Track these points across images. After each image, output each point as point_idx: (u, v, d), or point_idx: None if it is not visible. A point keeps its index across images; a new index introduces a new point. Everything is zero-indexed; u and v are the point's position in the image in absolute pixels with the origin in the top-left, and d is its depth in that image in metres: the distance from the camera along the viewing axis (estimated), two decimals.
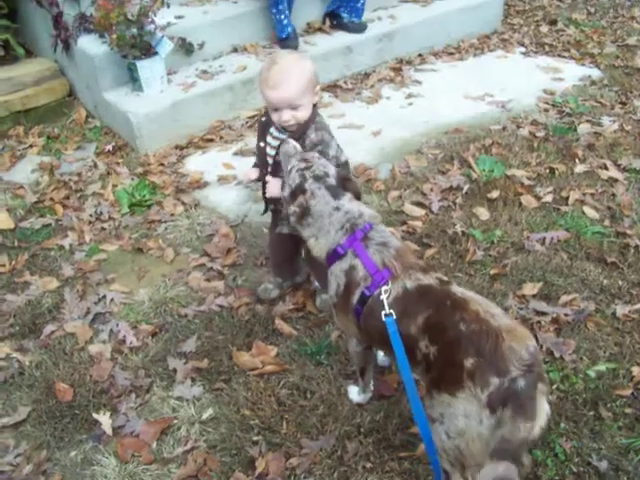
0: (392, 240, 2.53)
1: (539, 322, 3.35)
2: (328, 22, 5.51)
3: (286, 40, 5.17)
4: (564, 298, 3.49)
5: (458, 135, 4.84)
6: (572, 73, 5.66)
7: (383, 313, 2.34)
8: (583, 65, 5.81)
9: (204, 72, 4.95)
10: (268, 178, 2.97)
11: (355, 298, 2.48)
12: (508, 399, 2.05)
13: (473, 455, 2.18)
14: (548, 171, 4.43)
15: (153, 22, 4.55)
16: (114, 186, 4.36)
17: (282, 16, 5.11)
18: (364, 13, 5.49)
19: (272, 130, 2.99)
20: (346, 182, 2.65)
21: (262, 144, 3.07)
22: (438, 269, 3.61)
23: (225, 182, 4.42)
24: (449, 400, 2.17)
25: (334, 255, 2.53)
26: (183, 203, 4.23)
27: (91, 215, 4.15)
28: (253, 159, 4.53)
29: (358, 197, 2.70)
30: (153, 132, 4.61)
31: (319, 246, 2.59)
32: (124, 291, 3.64)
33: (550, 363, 3.15)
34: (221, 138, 4.81)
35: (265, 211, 3.25)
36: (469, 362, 2.10)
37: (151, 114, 4.57)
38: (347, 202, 2.57)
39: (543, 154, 4.59)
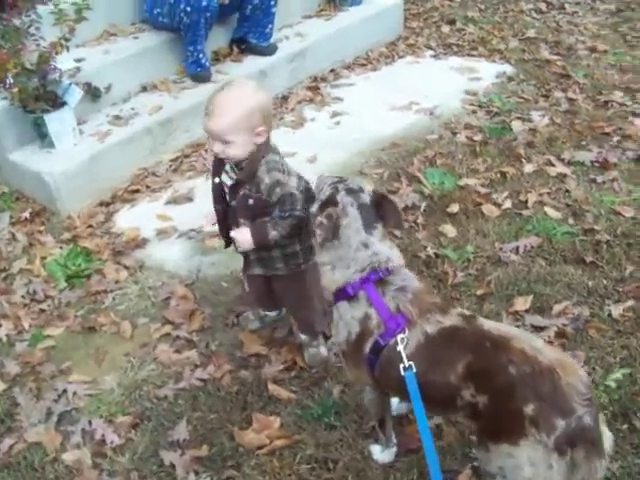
0: (411, 283, 2.31)
1: (542, 339, 3.19)
2: (236, 49, 5.18)
3: (198, 73, 4.81)
4: (557, 307, 3.36)
5: (396, 150, 4.63)
6: (487, 71, 5.60)
7: (402, 366, 2.14)
8: (494, 62, 5.77)
9: (117, 118, 4.50)
10: (234, 233, 2.72)
11: (368, 347, 2.27)
12: (576, 439, 1.93)
13: None
14: (499, 175, 4.30)
15: (56, 69, 4.07)
16: (42, 259, 3.84)
17: (200, 55, 4.75)
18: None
19: (227, 167, 2.73)
20: (383, 201, 2.37)
21: (217, 180, 2.79)
22: None
23: (165, 236, 4.00)
24: (510, 450, 2.00)
25: (342, 293, 2.31)
26: (126, 267, 3.78)
27: (24, 296, 3.61)
28: (189, 205, 4.23)
29: (399, 223, 2.47)
30: (73, 191, 4.12)
31: (332, 278, 2.34)
32: (86, 380, 3.16)
33: None
34: (147, 187, 4.38)
35: (227, 245, 3.01)
36: (529, 408, 1.95)
37: (68, 172, 4.08)
38: (377, 240, 2.30)
39: (488, 158, 4.47)
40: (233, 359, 3.22)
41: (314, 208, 2.39)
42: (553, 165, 4.40)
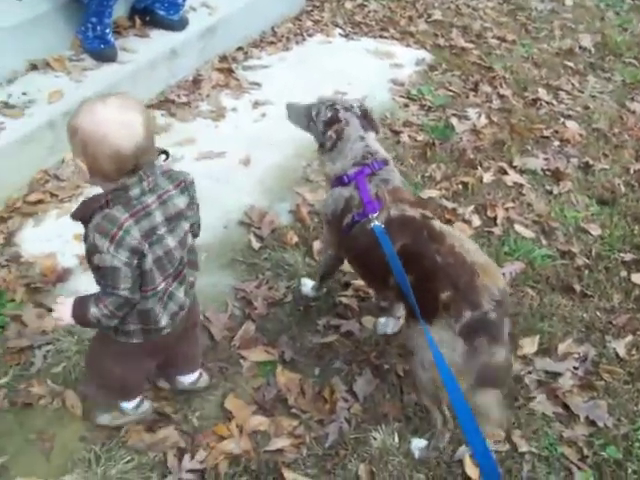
0: (395, 179, 2.70)
1: (558, 388, 2.91)
2: (138, 20, 4.28)
3: (102, 51, 3.89)
4: (561, 347, 3.13)
5: None
6: (405, 57, 5.16)
7: (372, 224, 2.48)
8: (409, 46, 5.34)
9: (6, 105, 3.48)
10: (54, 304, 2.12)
11: (346, 221, 2.65)
12: (481, 329, 2.23)
13: None
14: (461, 187, 3.92)
15: None
16: None
17: (107, 29, 3.82)
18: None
19: None
20: (367, 114, 2.85)
21: None
22: None
23: None
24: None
25: (339, 181, 2.70)
26: (50, 310, 2.93)
27: None
28: None
29: (377, 130, 2.91)
30: None
31: (333, 167, 2.74)
32: None
33: (598, 436, 2.77)
34: (52, 195, 3.45)
35: None
36: (445, 294, 2.25)
37: None
38: (371, 138, 2.79)
39: (442, 165, 4.06)
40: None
41: (320, 127, 2.80)
42: (507, 174, 4.11)
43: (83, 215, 1.97)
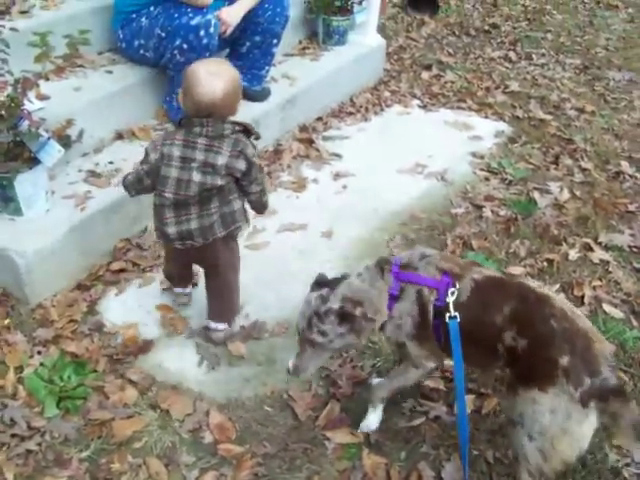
0: (428, 251, 2.51)
1: None
2: None
3: None
4: None
5: (419, 224, 4.03)
6: (484, 129, 5.12)
7: (447, 315, 2.30)
8: (487, 118, 5.31)
9: (93, 174, 3.57)
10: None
11: (431, 316, 2.40)
12: (606, 395, 2.17)
13: (558, 454, 2.23)
14: (546, 264, 3.81)
15: (29, 116, 3.13)
16: (17, 370, 2.90)
17: None
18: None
19: None
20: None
21: None
22: None
23: (173, 334, 3.16)
24: (535, 396, 2.22)
25: (391, 300, 2.42)
26: (131, 382, 2.92)
27: None
28: (194, 293, 3.43)
29: None
30: (47, 273, 3.18)
31: (381, 312, 2.42)
32: None
33: None
34: (134, 265, 3.48)
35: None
36: (564, 360, 2.18)
37: (44, 250, 3.13)
38: (357, 274, 2.48)
39: (526, 241, 3.96)
40: None
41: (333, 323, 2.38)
42: (592, 250, 3.97)
43: None
